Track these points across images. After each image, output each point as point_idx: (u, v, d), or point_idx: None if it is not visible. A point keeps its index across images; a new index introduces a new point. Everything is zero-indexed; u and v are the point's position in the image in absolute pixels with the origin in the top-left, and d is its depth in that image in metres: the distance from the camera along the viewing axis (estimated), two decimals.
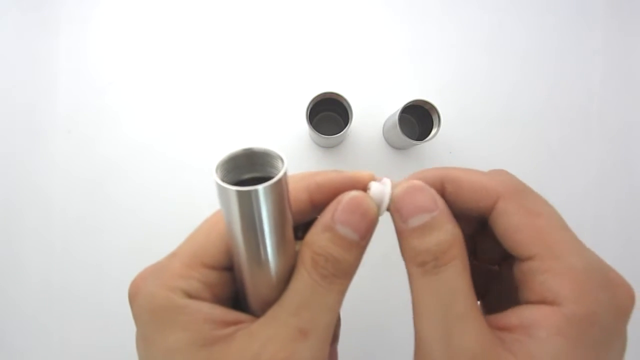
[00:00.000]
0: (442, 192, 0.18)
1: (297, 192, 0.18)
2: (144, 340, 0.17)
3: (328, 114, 0.47)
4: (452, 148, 0.47)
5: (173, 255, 0.18)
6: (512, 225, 0.17)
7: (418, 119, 0.47)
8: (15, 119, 0.47)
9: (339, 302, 0.17)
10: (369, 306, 0.45)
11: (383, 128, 0.48)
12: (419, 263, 0.17)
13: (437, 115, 0.41)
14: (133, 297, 0.18)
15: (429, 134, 0.42)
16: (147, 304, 0.17)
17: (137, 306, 0.18)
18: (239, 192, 0.14)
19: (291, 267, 0.18)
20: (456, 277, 0.16)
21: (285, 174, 0.15)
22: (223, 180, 0.14)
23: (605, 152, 0.48)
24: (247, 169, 0.16)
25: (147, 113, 0.48)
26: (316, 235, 0.17)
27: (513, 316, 0.16)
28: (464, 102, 0.48)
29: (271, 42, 0.49)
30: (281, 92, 0.48)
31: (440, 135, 0.42)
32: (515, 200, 0.17)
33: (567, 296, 0.15)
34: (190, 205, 0.46)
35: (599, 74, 0.49)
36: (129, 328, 0.19)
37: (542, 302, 0.16)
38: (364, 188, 0.18)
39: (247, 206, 0.15)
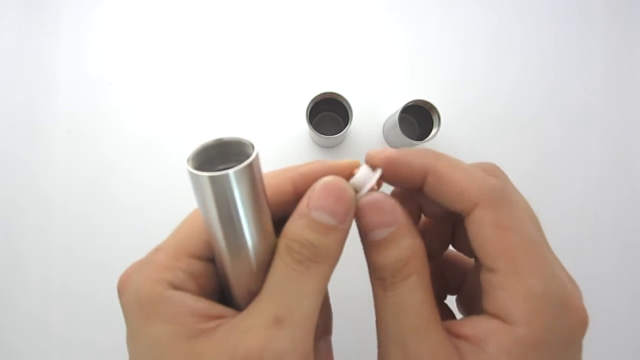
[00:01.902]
0: (423, 182, 0.18)
1: (280, 184, 0.18)
2: (130, 334, 0.18)
3: (328, 114, 0.48)
4: (452, 148, 0.47)
5: (157, 249, 0.19)
6: (481, 236, 0.17)
7: (418, 119, 0.47)
8: (15, 118, 0.47)
9: (318, 288, 0.17)
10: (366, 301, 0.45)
11: (383, 128, 0.48)
12: (377, 277, 0.17)
13: (437, 115, 0.41)
14: (120, 292, 0.18)
15: (429, 134, 0.42)
16: (133, 298, 0.17)
17: (124, 301, 0.18)
18: (211, 177, 0.14)
19: (272, 253, 0.18)
20: (412, 292, 0.17)
21: (256, 158, 0.15)
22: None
23: (605, 152, 0.48)
24: (221, 159, 0.16)
25: (147, 113, 0.48)
26: (291, 224, 0.17)
27: (470, 325, 0.17)
28: (464, 102, 0.48)
29: (271, 42, 0.49)
30: (281, 92, 0.48)
31: (440, 135, 0.42)
32: (490, 211, 0.17)
33: (519, 318, 0.15)
34: (190, 204, 0.46)
35: (599, 74, 0.49)
36: None
37: (497, 316, 0.16)
38: (348, 177, 0.18)
39: (220, 192, 0.15)
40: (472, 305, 0.22)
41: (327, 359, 0.21)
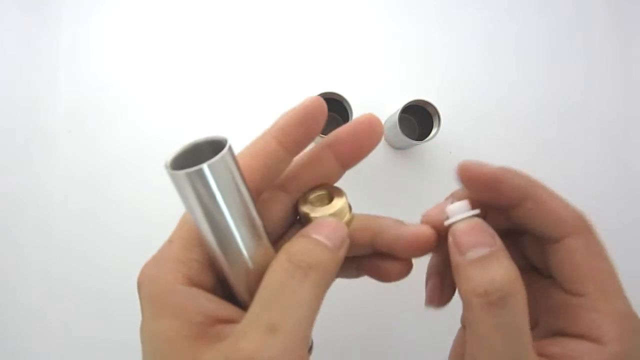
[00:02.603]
0: (518, 205, 0.18)
1: (266, 144, 0.20)
2: (141, 327, 0.18)
3: (328, 113, 0.47)
4: (452, 148, 0.47)
5: (170, 241, 0.19)
6: (574, 262, 0.18)
7: (418, 119, 0.47)
8: (15, 118, 0.47)
9: (315, 299, 0.17)
10: (366, 312, 0.45)
11: (383, 128, 0.48)
12: (480, 293, 0.16)
13: (437, 115, 0.41)
14: (138, 284, 0.19)
15: (429, 134, 0.42)
16: (147, 290, 0.18)
17: (141, 293, 0.18)
18: (187, 174, 0.15)
19: (269, 255, 0.18)
20: (521, 310, 0.16)
21: (228, 150, 0.16)
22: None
23: (605, 151, 0.48)
24: (198, 161, 0.16)
25: (148, 113, 0.48)
26: (293, 241, 0.18)
27: (557, 346, 0.17)
28: (464, 102, 0.48)
29: (271, 43, 0.49)
30: (281, 92, 0.48)
31: (440, 135, 0.42)
32: (583, 239, 0.18)
33: (612, 337, 0.16)
34: None
35: (598, 73, 0.49)
36: (131, 324, 0.19)
37: (586, 337, 0.17)
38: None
39: (200, 187, 0.15)
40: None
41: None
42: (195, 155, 0.17)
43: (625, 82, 0.49)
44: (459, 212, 0.18)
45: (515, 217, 0.19)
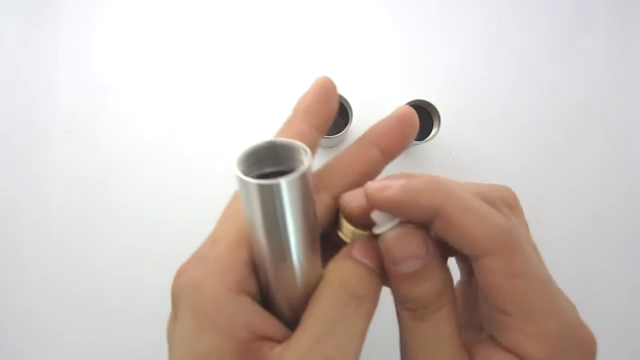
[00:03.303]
0: (430, 223, 0.17)
1: (299, 127, 0.19)
2: (181, 339, 0.17)
3: None
4: (452, 148, 0.47)
5: (215, 240, 0.18)
6: (493, 283, 0.17)
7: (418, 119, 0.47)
8: (15, 118, 0.47)
9: (365, 329, 0.17)
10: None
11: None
12: (407, 309, 0.17)
13: (437, 115, 0.41)
14: (178, 289, 0.17)
15: (429, 134, 0.42)
16: (193, 299, 0.17)
17: (182, 300, 0.17)
18: (260, 185, 0.13)
19: (318, 273, 0.18)
20: (444, 323, 0.17)
21: (310, 166, 0.14)
22: (244, 174, 0.14)
23: (606, 152, 0.48)
24: (270, 162, 0.15)
25: (148, 113, 0.48)
26: (340, 262, 0.18)
27: (485, 353, 0.17)
28: (464, 102, 0.48)
29: (271, 43, 0.49)
30: (281, 92, 0.48)
31: (440, 135, 0.42)
32: (500, 259, 0.16)
33: (539, 357, 0.16)
34: (191, 205, 0.46)
35: (598, 74, 0.49)
36: (130, 327, 0.19)
37: (512, 352, 0.17)
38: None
39: (270, 201, 0.14)
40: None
41: None
42: (267, 155, 0.15)
43: (626, 82, 0.49)
44: (385, 220, 0.17)
45: (436, 233, 0.18)
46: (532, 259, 0.17)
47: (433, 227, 0.17)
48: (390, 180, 0.17)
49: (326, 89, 0.21)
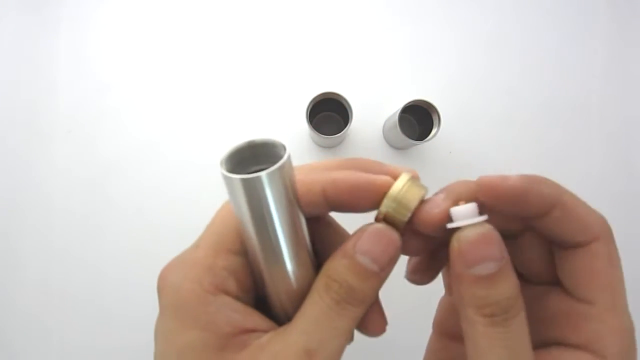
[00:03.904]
0: (545, 214, 0.17)
1: (310, 184, 0.18)
2: (163, 334, 0.18)
3: (328, 114, 0.48)
4: (452, 148, 0.47)
5: (196, 245, 0.19)
6: (593, 269, 0.17)
7: (418, 119, 0.47)
8: (16, 118, 0.47)
9: (350, 329, 0.17)
10: None
11: (383, 128, 0.48)
12: (486, 314, 0.16)
13: (437, 115, 0.41)
14: (159, 289, 0.18)
15: (429, 134, 0.42)
16: (172, 298, 0.17)
17: (163, 299, 0.18)
18: (243, 180, 0.14)
19: (308, 266, 0.18)
20: (523, 329, 0.16)
21: (288, 160, 0.15)
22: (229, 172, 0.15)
23: (605, 152, 0.48)
24: (252, 161, 0.16)
25: (148, 113, 0.48)
26: (334, 262, 0.17)
27: (553, 356, 0.17)
28: (463, 102, 0.48)
29: (271, 43, 0.49)
30: (281, 92, 0.48)
31: (440, 135, 0.42)
32: (606, 246, 0.17)
33: (613, 352, 0.16)
34: (190, 205, 0.46)
35: (598, 74, 0.49)
36: (129, 327, 0.19)
37: (585, 348, 0.16)
38: (380, 192, 0.17)
39: (253, 194, 0.15)
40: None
41: (377, 311, 0.20)
42: (249, 154, 0.16)
43: (626, 82, 0.49)
44: (466, 216, 0.17)
45: (539, 225, 0.18)
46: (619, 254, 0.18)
47: (545, 220, 0.17)
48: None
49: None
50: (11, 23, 0.48)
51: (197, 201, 0.46)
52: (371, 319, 0.19)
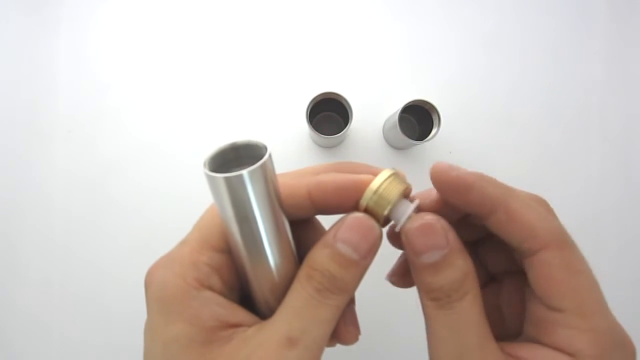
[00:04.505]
0: (489, 215, 0.18)
1: (296, 187, 0.18)
2: (150, 329, 0.18)
3: (328, 114, 0.48)
4: (452, 148, 0.47)
5: (183, 243, 0.19)
6: (551, 277, 0.17)
7: (418, 119, 0.47)
8: (16, 118, 0.47)
9: (332, 317, 0.17)
10: (370, 303, 0.45)
11: (383, 128, 0.48)
12: (431, 299, 0.17)
13: (437, 115, 0.41)
14: (146, 285, 0.19)
15: (429, 134, 0.42)
16: (157, 293, 0.18)
17: (150, 295, 0.18)
18: (226, 178, 0.15)
19: (290, 263, 0.18)
20: (469, 310, 0.17)
21: (269, 158, 0.16)
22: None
23: (605, 152, 0.48)
24: (235, 163, 0.17)
25: (148, 113, 0.48)
26: (316, 252, 0.18)
27: (527, 351, 0.17)
28: (463, 102, 0.48)
29: (271, 43, 0.49)
30: (281, 92, 0.48)
31: (440, 135, 0.42)
32: (559, 253, 0.17)
33: (587, 354, 0.16)
34: (190, 205, 0.46)
35: (598, 74, 0.49)
36: (130, 326, 0.19)
37: (562, 350, 0.17)
38: (362, 189, 0.18)
39: (236, 192, 0.15)
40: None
41: (351, 322, 0.20)
42: (232, 156, 0.17)
43: (626, 83, 0.49)
44: (404, 213, 0.17)
45: (489, 226, 0.18)
46: (585, 259, 0.18)
47: (489, 221, 0.18)
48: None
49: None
50: (11, 23, 0.48)
51: (197, 201, 0.46)
52: (344, 331, 0.20)
